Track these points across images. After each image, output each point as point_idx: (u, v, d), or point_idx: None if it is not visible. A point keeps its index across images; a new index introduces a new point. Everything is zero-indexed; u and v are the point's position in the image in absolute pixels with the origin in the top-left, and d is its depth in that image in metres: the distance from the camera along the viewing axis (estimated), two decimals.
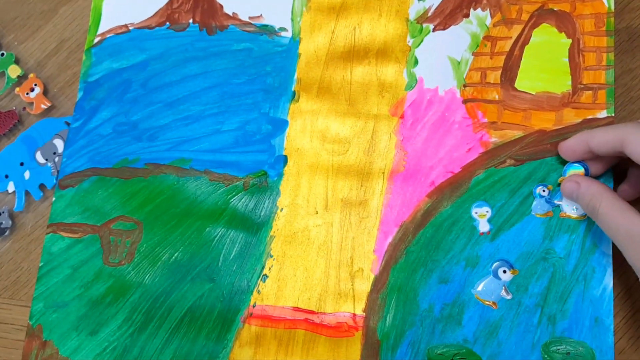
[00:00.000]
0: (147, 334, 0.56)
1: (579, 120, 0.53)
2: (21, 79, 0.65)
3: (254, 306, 0.55)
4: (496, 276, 0.52)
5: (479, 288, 0.52)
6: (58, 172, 0.61)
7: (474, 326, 0.51)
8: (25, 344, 0.57)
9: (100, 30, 0.64)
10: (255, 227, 0.57)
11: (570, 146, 0.50)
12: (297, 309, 0.54)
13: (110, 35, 0.64)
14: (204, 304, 0.55)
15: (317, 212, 0.56)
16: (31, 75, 0.64)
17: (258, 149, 0.58)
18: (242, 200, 0.57)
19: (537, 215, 0.52)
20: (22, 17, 0.67)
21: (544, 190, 0.52)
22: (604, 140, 0.47)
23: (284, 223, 0.56)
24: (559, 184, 0.52)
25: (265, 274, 0.55)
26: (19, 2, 0.67)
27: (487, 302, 0.52)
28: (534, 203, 0.52)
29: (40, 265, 0.59)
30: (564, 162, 0.52)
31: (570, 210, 0.52)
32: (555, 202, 0.52)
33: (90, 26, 0.65)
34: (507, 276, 0.52)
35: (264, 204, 0.57)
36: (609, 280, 0.50)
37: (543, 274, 0.51)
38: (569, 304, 0.50)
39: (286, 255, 0.56)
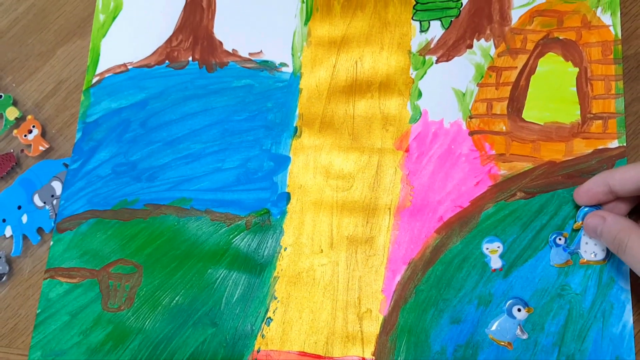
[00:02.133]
0: None
1: (590, 150, 0.52)
2: (19, 120, 0.64)
3: (258, 351, 0.53)
4: (510, 315, 0.50)
5: (493, 328, 0.50)
6: (56, 215, 0.60)
7: None
8: None
9: (99, 69, 0.64)
10: (259, 267, 0.55)
11: (589, 188, 0.48)
12: (303, 354, 0.52)
13: (109, 74, 0.63)
14: (206, 350, 0.54)
15: (322, 251, 0.54)
16: (29, 117, 0.64)
17: (260, 187, 0.57)
18: (245, 240, 0.56)
19: (556, 266, 0.50)
20: (20, 58, 0.67)
21: (559, 239, 0.51)
22: (627, 177, 0.45)
23: (288, 263, 0.55)
24: (574, 230, 0.51)
25: (270, 317, 0.54)
26: (16, 43, 0.67)
27: (502, 343, 0.50)
28: (552, 253, 0.51)
29: (37, 312, 0.57)
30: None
31: (589, 255, 0.50)
32: (573, 250, 0.50)
33: (89, 66, 0.64)
34: (522, 314, 0.50)
35: (267, 243, 0.56)
36: (628, 317, 0.48)
37: (559, 312, 0.49)
38: (587, 342, 0.48)
39: (291, 296, 0.54)
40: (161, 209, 0.58)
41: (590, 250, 0.50)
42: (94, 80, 0.64)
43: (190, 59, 0.62)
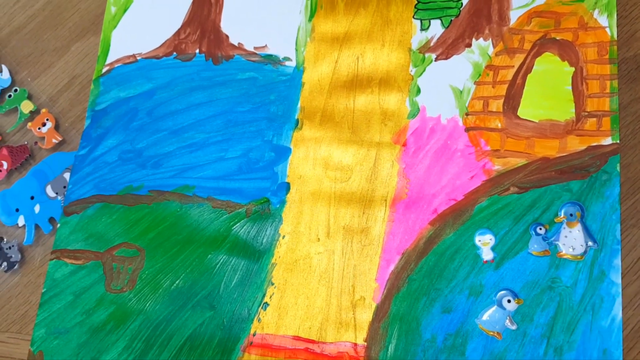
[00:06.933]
0: None
1: (583, 147, 0.53)
2: (33, 114, 0.66)
3: (254, 335, 0.54)
4: (501, 306, 0.51)
5: (483, 318, 0.51)
6: None
7: (477, 357, 0.50)
8: None
9: (109, 60, 0.66)
10: (257, 254, 0.56)
11: None
12: (297, 338, 0.53)
13: (119, 64, 0.65)
14: (204, 332, 0.55)
15: (319, 240, 0.56)
16: (43, 110, 0.65)
17: (261, 176, 0.59)
18: (245, 227, 0.57)
19: (534, 253, 0.51)
20: (36, 54, 0.69)
21: (540, 229, 0.51)
22: None
23: (286, 250, 0.56)
24: (556, 223, 0.51)
25: (266, 302, 0.55)
26: (32, 39, 0.69)
27: (492, 333, 0.50)
28: (531, 241, 0.51)
29: (43, 291, 0.59)
30: (569, 190, 0.52)
31: (567, 249, 0.51)
32: (552, 241, 0.51)
33: (99, 56, 0.66)
34: (511, 306, 0.50)
35: (266, 231, 0.57)
36: (618, 310, 0.49)
37: (549, 304, 0.50)
38: (576, 335, 0.49)
39: (287, 283, 0.55)
40: (165, 195, 0.60)
41: (569, 244, 0.51)
42: (104, 70, 0.65)
43: (197, 51, 0.64)
